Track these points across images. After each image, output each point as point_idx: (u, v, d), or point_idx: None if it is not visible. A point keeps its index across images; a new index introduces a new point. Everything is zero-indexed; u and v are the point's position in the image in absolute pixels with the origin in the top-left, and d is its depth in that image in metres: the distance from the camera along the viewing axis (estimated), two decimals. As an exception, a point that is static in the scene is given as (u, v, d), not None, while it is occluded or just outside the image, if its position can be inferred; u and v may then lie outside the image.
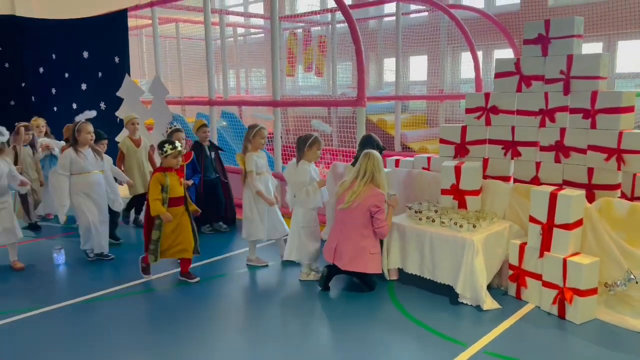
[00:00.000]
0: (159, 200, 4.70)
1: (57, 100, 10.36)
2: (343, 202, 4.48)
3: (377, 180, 4.49)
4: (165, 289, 4.83)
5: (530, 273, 4.28)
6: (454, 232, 4.35)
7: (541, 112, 4.80)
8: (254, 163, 5.15)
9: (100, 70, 9.57)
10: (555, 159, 4.76)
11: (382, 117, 9.99)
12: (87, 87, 9.86)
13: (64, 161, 5.32)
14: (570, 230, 4.00)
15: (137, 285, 4.91)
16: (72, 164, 5.31)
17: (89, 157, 5.38)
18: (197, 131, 6.34)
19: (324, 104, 7.80)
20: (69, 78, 10.07)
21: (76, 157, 5.31)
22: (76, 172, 5.34)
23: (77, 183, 5.36)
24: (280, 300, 4.56)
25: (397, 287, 4.72)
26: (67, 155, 5.34)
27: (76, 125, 5.35)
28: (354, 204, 4.41)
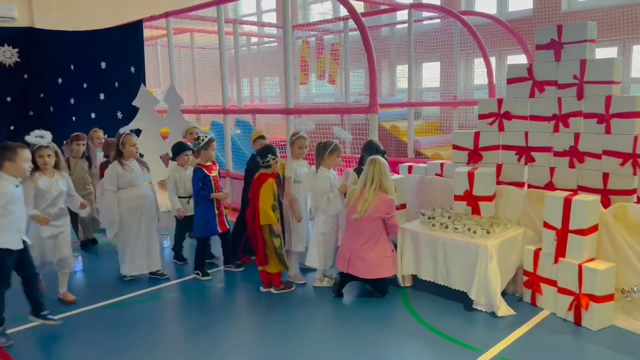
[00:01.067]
0: (273, 207, 4.68)
1: (75, 110, 10.53)
2: (356, 211, 4.48)
3: (385, 186, 4.49)
4: (175, 295, 4.89)
5: (545, 279, 4.25)
6: (468, 238, 4.34)
7: (554, 117, 4.79)
8: (294, 170, 5.06)
9: (117, 80, 9.73)
10: (570, 165, 4.73)
11: (395, 123, 9.99)
12: (105, 97, 10.03)
13: (111, 176, 5.05)
14: (585, 236, 3.97)
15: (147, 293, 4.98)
16: (119, 178, 5.06)
17: (136, 169, 5.15)
18: (254, 143, 5.54)
19: (337, 112, 7.84)
20: (87, 88, 10.24)
21: (122, 170, 5.06)
22: (124, 187, 5.09)
23: (126, 198, 5.09)
24: (294, 305, 4.57)
25: (411, 294, 4.71)
26: (112, 170, 5.07)
27: (120, 138, 5.08)
28: (366, 213, 4.43)
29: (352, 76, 11.06)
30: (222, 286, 5.13)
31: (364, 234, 4.49)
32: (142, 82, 9.09)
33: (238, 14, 15.75)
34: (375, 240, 4.52)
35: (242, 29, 11.63)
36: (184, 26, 10.94)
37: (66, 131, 9.80)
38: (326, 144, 4.87)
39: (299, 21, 12.82)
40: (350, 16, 6.21)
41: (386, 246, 4.59)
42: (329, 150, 4.82)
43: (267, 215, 4.65)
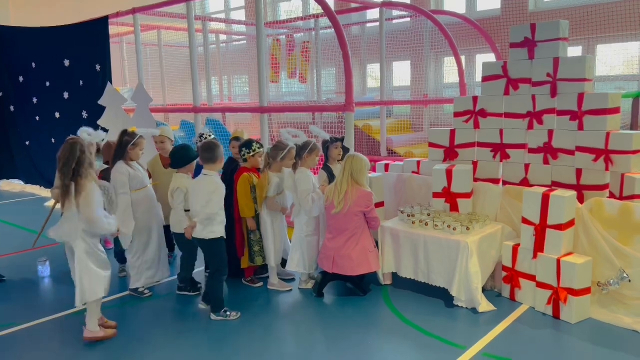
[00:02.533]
0: (251, 200, 4.68)
1: (39, 110, 10.15)
2: (333, 207, 4.45)
3: (358, 179, 4.46)
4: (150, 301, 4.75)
5: (523, 274, 4.30)
6: (448, 235, 4.36)
7: (529, 114, 4.86)
8: (276, 188, 4.74)
9: (81, 79, 9.40)
10: (544, 161, 4.82)
11: (368, 122, 10.01)
12: (70, 95, 9.69)
13: (123, 178, 4.54)
14: (563, 231, 4.03)
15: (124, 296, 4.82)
16: (131, 179, 4.60)
17: (141, 170, 4.78)
18: (230, 144, 5.20)
19: (311, 110, 7.79)
20: (50, 86, 9.88)
21: (132, 170, 4.62)
22: (136, 188, 4.64)
23: (140, 200, 4.66)
24: (275, 307, 4.50)
25: (392, 291, 4.70)
26: (122, 170, 4.56)
27: (134, 139, 4.62)
28: (345, 207, 4.39)
29: (324, 75, 11.02)
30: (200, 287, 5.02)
31: (347, 230, 4.45)
32: (108, 80, 8.82)
33: (205, 11, 15.51)
34: (358, 236, 4.49)
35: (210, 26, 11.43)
36: (152, 23, 10.68)
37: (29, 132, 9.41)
38: (305, 144, 4.79)
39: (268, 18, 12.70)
40: (324, 13, 6.16)
41: (369, 240, 4.58)
42: (308, 150, 4.74)
43: (242, 209, 4.69)
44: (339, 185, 4.47)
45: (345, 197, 4.41)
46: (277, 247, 4.80)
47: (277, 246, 4.80)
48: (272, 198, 4.69)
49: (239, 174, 4.72)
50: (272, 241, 4.75)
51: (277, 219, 4.81)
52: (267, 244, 4.76)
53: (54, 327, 4.22)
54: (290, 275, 5.06)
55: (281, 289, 4.81)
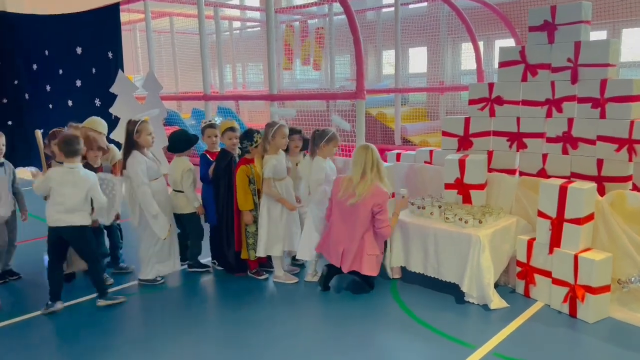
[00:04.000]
0: (249, 193, 4.56)
1: (52, 98, 10.17)
2: (354, 195, 4.21)
3: (382, 174, 4.29)
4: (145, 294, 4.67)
5: (539, 270, 4.10)
6: (459, 228, 4.17)
7: (548, 102, 4.62)
8: (272, 169, 4.48)
9: (94, 66, 9.37)
10: (563, 151, 4.58)
11: (382, 110, 9.77)
12: (82, 83, 9.67)
13: (141, 167, 4.42)
14: (581, 225, 3.82)
15: (131, 287, 4.75)
16: (148, 168, 4.47)
17: (155, 158, 4.66)
18: (223, 135, 4.86)
19: (322, 97, 7.60)
20: (63, 74, 9.88)
21: (148, 160, 4.51)
22: (152, 178, 4.52)
23: (157, 191, 4.55)
24: (279, 301, 4.37)
25: (400, 286, 4.54)
26: (139, 159, 4.44)
27: (136, 125, 4.48)
28: (363, 198, 4.20)
29: (338, 62, 10.80)
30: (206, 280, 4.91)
31: (354, 225, 4.26)
32: (120, 67, 8.75)
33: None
34: (361, 234, 4.28)
35: (223, 13, 11.27)
36: (163, 9, 10.56)
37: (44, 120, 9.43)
38: (324, 132, 4.60)
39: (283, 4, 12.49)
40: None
41: (371, 244, 4.30)
42: (326, 139, 4.56)
43: (239, 202, 4.57)
44: (369, 178, 4.22)
45: (366, 191, 4.21)
46: (277, 237, 4.58)
47: (277, 235, 4.59)
48: (268, 181, 4.47)
49: (238, 165, 4.59)
50: (266, 230, 4.55)
51: (279, 207, 4.60)
52: (260, 232, 4.59)
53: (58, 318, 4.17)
54: (296, 269, 4.93)
55: (287, 282, 4.67)
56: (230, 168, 4.73)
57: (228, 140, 4.83)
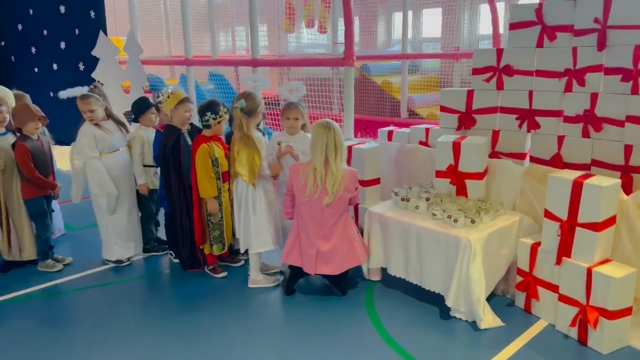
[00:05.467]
0: (214, 178, 3.87)
1: (37, 61, 9.66)
2: (326, 194, 3.51)
3: (344, 156, 3.58)
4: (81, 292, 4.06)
5: (543, 282, 3.34)
6: (447, 229, 3.41)
7: (567, 72, 3.76)
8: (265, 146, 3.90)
9: (76, 27, 8.78)
10: (583, 133, 3.74)
11: (388, 78, 8.87)
12: (66, 45, 9.10)
13: (88, 140, 4.13)
14: (598, 232, 3.02)
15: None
16: (98, 141, 4.17)
17: (113, 129, 4.29)
18: (176, 109, 4.09)
19: (307, 64, 6.81)
20: (47, 36, 9.34)
21: (100, 132, 4.18)
22: (104, 152, 4.22)
23: (109, 166, 4.21)
24: (234, 304, 3.71)
25: (378, 292, 3.83)
26: (87, 132, 4.15)
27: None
28: (338, 194, 3.51)
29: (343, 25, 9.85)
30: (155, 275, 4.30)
31: (331, 220, 3.58)
32: (102, 28, 8.09)
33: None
34: (342, 225, 3.64)
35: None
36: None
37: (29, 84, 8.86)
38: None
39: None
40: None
41: (351, 227, 3.73)
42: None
43: (201, 188, 3.85)
44: (334, 166, 3.50)
45: (341, 182, 3.50)
46: (272, 228, 3.89)
47: (272, 226, 3.90)
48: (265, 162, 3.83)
49: (197, 144, 3.86)
50: (268, 220, 3.83)
51: (270, 193, 3.91)
52: (250, 223, 3.82)
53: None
54: (276, 268, 4.19)
55: (269, 285, 3.94)
56: (179, 147, 4.03)
57: (182, 113, 4.09)
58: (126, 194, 4.34)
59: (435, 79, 9.24)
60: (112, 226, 4.32)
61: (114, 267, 4.38)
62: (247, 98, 3.74)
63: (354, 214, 4.32)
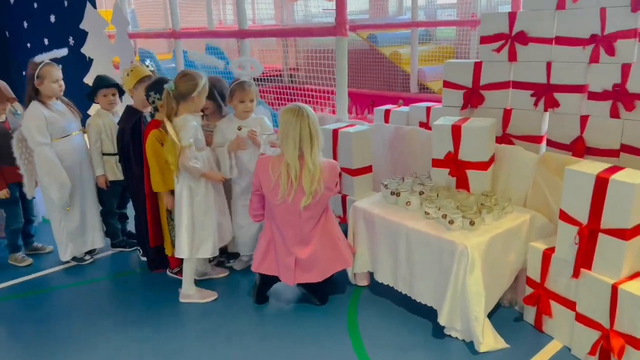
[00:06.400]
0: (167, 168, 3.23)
1: (29, 35, 9.26)
2: (303, 195, 2.95)
3: (320, 146, 3.00)
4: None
5: (557, 297, 2.76)
6: (440, 231, 2.84)
7: (594, 39, 3.10)
8: (193, 132, 3.14)
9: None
10: (612, 113, 3.10)
11: (397, 49, 8.15)
12: (56, 19, 8.64)
13: (38, 123, 3.58)
14: (627, 240, 2.41)
15: (24, 284, 3.74)
16: (49, 124, 3.65)
17: (66, 112, 3.78)
18: (135, 89, 3.65)
19: (297, 34, 6.20)
20: (38, 9, 8.90)
21: (50, 113, 3.66)
22: (55, 137, 3.70)
23: (62, 152, 3.72)
24: (195, 315, 3.24)
25: (364, 300, 3.31)
26: (37, 113, 3.60)
27: (36, 69, 3.59)
28: (317, 194, 2.96)
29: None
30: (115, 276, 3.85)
31: (311, 221, 3.05)
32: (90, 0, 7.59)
33: None
34: (323, 224, 3.12)
35: None
36: None
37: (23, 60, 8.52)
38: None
39: None
40: None
41: (333, 222, 3.20)
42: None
43: (154, 181, 3.34)
44: (310, 162, 2.92)
45: (320, 178, 2.94)
46: (206, 230, 3.31)
47: (207, 228, 3.31)
48: (188, 150, 3.08)
49: (147, 130, 3.33)
50: (187, 225, 3.22)
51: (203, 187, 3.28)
52: (181, 226, 3.23)
53: None
54: (224, 273, 3.68)
55: (203, 300, 3.35)
56: (140, 132, 3.51)
57: (143, 93, 3.55)
58: (82, 185, 3.86)
59: (449, 48, 8.48)
60: (65, 222, 3.83)
61: (75, 265, 3.95)
62: (181, 79, 3.12)
63: (342, 207, 3.78)
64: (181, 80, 3.09)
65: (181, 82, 3.08)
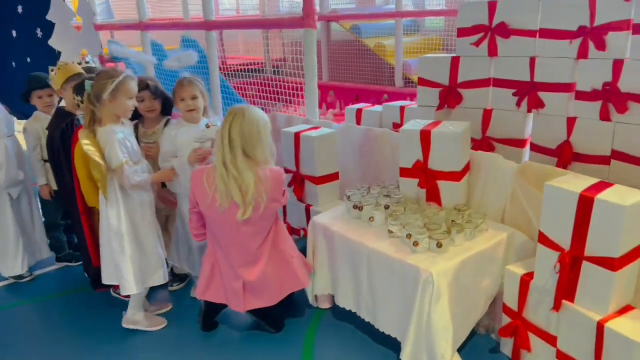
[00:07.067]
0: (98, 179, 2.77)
1: (-3, 27, 8.83)
2: (237, 207, 2.58)
3: (254, 154, 2.58)
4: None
5: (536, 329, 2.41)
6: (404, 254, 2.48)
7: (582, 32, 2.75)
8: (119, 145, 2.71)
9: (32, -15, 7.89)
10: (601, 114, 2.75)
11: (381, 41, 7.75)
12: (23, 9, 8.21)
13: None
14: (615, 270, 2.06)
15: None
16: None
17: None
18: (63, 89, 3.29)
19: (266, 25, 5.81)
20: (3, 0, 8.48)
21: None
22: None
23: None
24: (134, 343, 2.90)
25: (325, 324, 2.96)
26: None
27: None
28: (260, 208, 2.58)
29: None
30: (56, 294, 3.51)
31: (256, 239, 2.68)
32: (58, -13, 7.20)
33: None
34: (273, 241, 2.75)
35: None
36: None
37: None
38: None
39: None
40: None
41: (285, 238, 2.83)
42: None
43: (86, 194, 2.92)
44: (233, 169, 2.56)
45: (256, 190, 2.56)
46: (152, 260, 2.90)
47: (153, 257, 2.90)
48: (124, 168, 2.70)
49: (76, 137, 2.95)
50: (131, 256, 2.79)
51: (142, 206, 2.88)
52: (122, 260, 2.79)
53: None
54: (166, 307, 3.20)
55: (151, 329, 2.97)
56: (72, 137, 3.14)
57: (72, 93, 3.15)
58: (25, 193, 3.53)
59: (437, 40, 8.07)
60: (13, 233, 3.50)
61: (12, 283, 3.60)
62: (95, 78, 2.70)
63: (305, 219, 3.42)
64: (95, 79, 2.71)
65: (95, 81, 2.69)
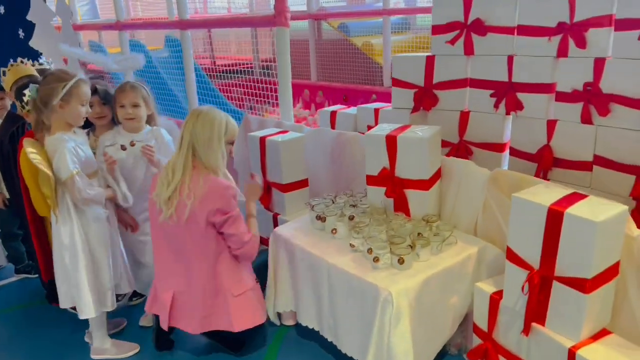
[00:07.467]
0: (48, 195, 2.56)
1: (-21, 28, 8.67)
2: (161, 209, 2.44)
3: (207, 159, 2.42)
4: None
5: (507, 353, 2.21)
6: (363, 271, 2.29)
7: (561, 28, 2.55)
8: (69, 155, 2.48)
9: (14, -14, 7.73)
10: (583, 117, 2.56)
11: (369, 39, 7.54)
12: (5, 9, 8.06)
13: None
14: (587, 293, 1.86)
15: None
16: None
17: None
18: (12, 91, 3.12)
19: (239, 24, 5.63)
20: (-14, -2, 8.33)
21: None
22: None
23: None
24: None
25: (287, 343, 2.78)
26: None
27: None
28: (183, 211, 2.38)
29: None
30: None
31: (189, 253, 2.48)
32: (39, -16, 7.03)
33: None
34: (209, 266, 2.49)
35: None
36: None
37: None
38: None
39: None
40: None
41: (235, 277, 2.55)
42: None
43: (36, 203, 2.69)
44: (171, 168, 2.42)
45: (181, 191, 2.39)
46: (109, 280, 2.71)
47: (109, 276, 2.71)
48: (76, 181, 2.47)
49: (21, 143, 2.76)
50: (88, 277, 2.57)
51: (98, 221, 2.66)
52: (79, 283, 2.57)
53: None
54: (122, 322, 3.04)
55: (118, 356, 2.74)
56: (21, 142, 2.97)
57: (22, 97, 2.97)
58: None
59: (427, 38, 7.85)
60: None
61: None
62: (45, 81, 2.50)
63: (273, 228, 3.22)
64: (43, 82, 2.51)
65: (42, 85, 2.50)
